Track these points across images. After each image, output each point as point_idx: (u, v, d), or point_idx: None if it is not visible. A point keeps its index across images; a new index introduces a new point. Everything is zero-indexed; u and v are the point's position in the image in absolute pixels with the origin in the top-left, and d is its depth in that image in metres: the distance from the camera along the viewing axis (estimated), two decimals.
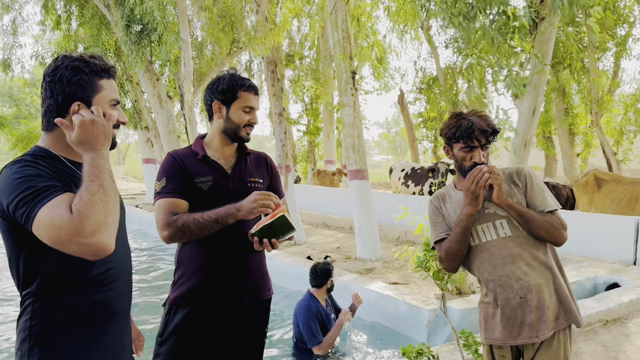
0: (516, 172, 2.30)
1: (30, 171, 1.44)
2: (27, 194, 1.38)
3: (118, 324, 1.69)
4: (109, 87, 1.62)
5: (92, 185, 1.39)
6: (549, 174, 15.43)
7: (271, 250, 2.15)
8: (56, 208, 1.34)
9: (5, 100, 34.86)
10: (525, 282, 2.17)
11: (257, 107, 2.38)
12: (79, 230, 1.31)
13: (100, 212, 1.36)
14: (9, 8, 12.03)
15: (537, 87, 5.33)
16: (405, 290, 5.29)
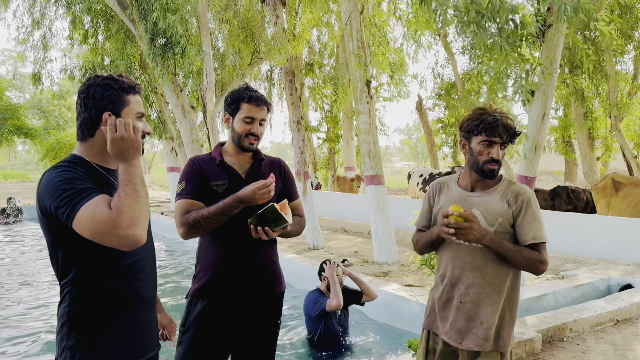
0: (516, 194, 2.28)
1: (69, 175, 1.69)
2: (69, 194, 1.63)
3: (145, 311, 1.91)
4: (135, 102, 1.87)
5: (127, 188, 1.64)
6: (569, 178, 15.34)
7: (266, 238, 2.32)
8: (97, 206, 1.60)
9: (35, 112, 35.95)
10: (472, 291, 2.25)
11: (259, 117, 2.52)
12: (118, 223, 1.56)
13: (135, 209, 1.61)
14: (39, 24, 12.53)
15: (546, 93, 5.45)
16: (419, 292, 5.44)
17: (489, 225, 2.25)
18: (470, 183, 2.37)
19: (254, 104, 2.52)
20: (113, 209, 1.59)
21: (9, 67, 42.17)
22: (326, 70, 17.06)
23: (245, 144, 2.53)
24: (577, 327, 4.60)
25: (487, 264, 2.25)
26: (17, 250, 10.41)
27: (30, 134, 17.00)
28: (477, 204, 2.30)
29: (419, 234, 2.54)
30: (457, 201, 2.36)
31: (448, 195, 2.42)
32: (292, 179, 2.76)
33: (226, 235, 2.47)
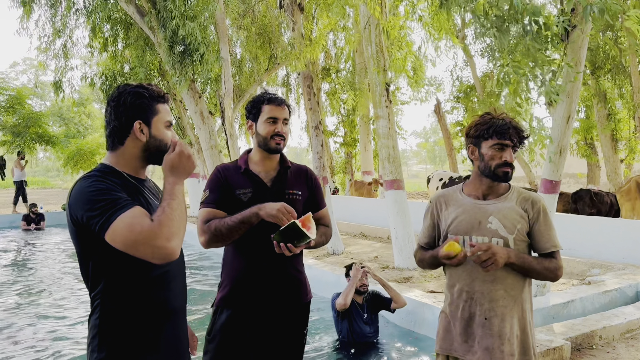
0: (532, 201, 2.24)
1: (103, 185, 1.68)
2: (104, 204, 1.62)
3: (175, 322, 1.89)
4: (164, 111, 1.87)
5: (172, 203, 1.67)
6: (592, 181, 15.09)
7: (288, 254, 2.27)
8: (135, 217, 1.60)
9: (55, 120, 36.46)
10: (495, 305, 2.18)
11: (282, 116, 2.51)
12: (157, 235, 1.58)
13: (176, 224, 1.63)
14: (60, 33, 12.70)
15: (571, 95, 5.35)
16: (443, 298, 5.36)
17: (509, 232, 2.19)
18: (482, 190, 2.31)
19: (274, 103, 2.51)
20: (155, 221, 1.60)
21: (30, 75, 42.94)
22: (342, 74, 17.06)
23: (271, 145, 2.50)
24: (607, 334, 4.49)
25: (507, 275, 2.20)
26: (40, 258, 10.52)
27: (51, 141, 17.25)
28: (493, 211, 2.24)
29: (422, 253, 2.48)
30: (469, 211, 2.28)
31: (458, 206, 2.33)
32: (320, 187, 2.72)
33: (251, 244, 2.44)
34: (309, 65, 9.61)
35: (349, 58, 18.06)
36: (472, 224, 2.26)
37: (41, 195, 25.93)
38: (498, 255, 2.07)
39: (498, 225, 2.20)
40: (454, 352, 2.28)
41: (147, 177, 1.99)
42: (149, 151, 1.85)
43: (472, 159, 2.34)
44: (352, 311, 4.78)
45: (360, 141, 18.44)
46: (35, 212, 14.39)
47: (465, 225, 2.28)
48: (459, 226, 2.29)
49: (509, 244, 2.19)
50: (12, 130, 16.53)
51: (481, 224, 2.24)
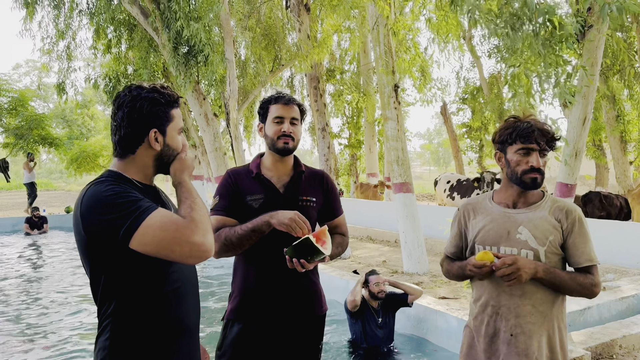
0: (567, 211, 2.08)
1: (119, 188, 1.56)
2: (127, 207, 1.51)
3: (188, 339, 1.77)
4: (178, 116, 1.76)
5: (197, 200, 1.64)
6: (600, 183, 14.92)
7: (302, 270, 2.14)
8: (166, 216, 1.52)
9: (59, 122, 36.50)
10: (522, 321, 2.04)
11: (289, 115, 2.38)
12: (194, 231, 1.51)
13: (206, 220, 1.58)
14: (64, 34, 12.62)
15: (587, 96, 5.22)
16: (456, 305, 5.22)
17: (540, 244, 2.04)
18: (512, 198, 2.16)
19: (281, 102, 2.39)
20: (187, 217, 1.55)
21: (34, 77, 42.97)
22: (347, 76, 16.94)
23: (279, 146, 2.37)
24: (627, 343, 4.35)
25: (536, 289, 2.05)
26: (41, 264, 10.42)
27: (54, 143, 17.16)
28: (524, 221, 2.09)
29: (449, 264, 2.33)
30: (497, 220, 2.14)
31: (487, 215, 2.19)
32: (336, 193, 2.58)
33: (263, 254, 2.32)
34: (315, 66, 9.48)
35: (354, 59, 17.95)
36: (501, 234, 2.12)
37: (44, 198, 25.88)
38: (523, 270, 1.94)
39: (528, 236, 2.06)
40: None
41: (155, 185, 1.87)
42: (161, 160, 1.75)
43: (500, 165, 2.22)
44: (366, 315, 4.73)
45: (365, 143, 18.31)
46: (37, 215, 14.28)
47: (493, 235, 2.14)
48: (486, 236, 2.15)
49: (540, 256, 2.04)
50: (15, 133, 16.45)
51: (510, 234, 2.09)
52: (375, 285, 4.74)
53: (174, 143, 1.75)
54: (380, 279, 4.80)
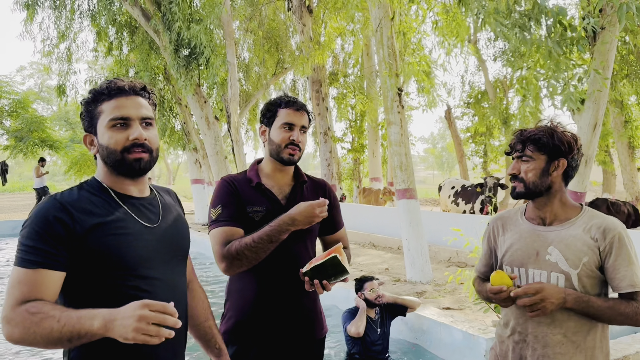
0: (605, 229, 1.82)
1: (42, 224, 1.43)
2: (22, 250, 1.42)
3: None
4: (110, 108, 1.52)
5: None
6: (608, 189, 14.71)
7: (322, 292, 1.96)
8: (20, 282, 1.39)
9: (62, 124, 36.48)
10: (550, 352, 1.83)
11: (300, 123, 2.19)
12: (6, 319, 1.36)
13: (30, 322, 1.37)
14: (65, 36, 12.53)
15: (598, 101, 5.03)
16: (460, 317, 5.03)
17: (572, 267, 1.81)
18: (542, 213, 1.94)
19: (292, 108, 2.18)
20: (24, 308, 1.37)
21: (37, 79, 42.99)
22: (350, 79, 16.78)
23: (284, 155, 2.16)
24: None
25: (569, 317, 1.82)
26: None
27: (55, 146, 17.04)
28: (554, 240, 1.86)
29: (480, 285, 2.13)
30: (526, 238, 1.93)
31: (515, 233, 1.98)
32: (338, 205, 2.40)
33: (262, 271, 2.11)
34: (317, 69, 9.32)
35: (357, 63, 17.80)
36: (529, 254, 1.90)
37: None
38: (548, 300, 1.73)
39: (558, 257, 1.84)
40: None
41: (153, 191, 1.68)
42: (107, 163, 1.54)
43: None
44: (366, 330, 4.51)
45: (369, 147, 18.14)
46: None
47: (520, 255, 1.92)
48: (513, 256, 1.94)
49: (572, 280, 1.81)
50: (14, 135, 16.34)
51: (539, 254, 1.87)
52: (371, 292, 4.48)
53: (104, 141, 1.52)
54: (374, 284, 4.55)
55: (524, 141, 1.87)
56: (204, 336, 1.88)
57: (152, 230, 1.57)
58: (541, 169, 1.86)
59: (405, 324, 5.25)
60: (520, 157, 1.88)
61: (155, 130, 1.60)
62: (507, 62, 9.88)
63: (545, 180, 1.87)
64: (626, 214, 9.99)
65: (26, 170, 60.63)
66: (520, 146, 1.88)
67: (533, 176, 1.86)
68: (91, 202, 1.48)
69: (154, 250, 1.53)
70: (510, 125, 14.58)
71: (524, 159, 1.87)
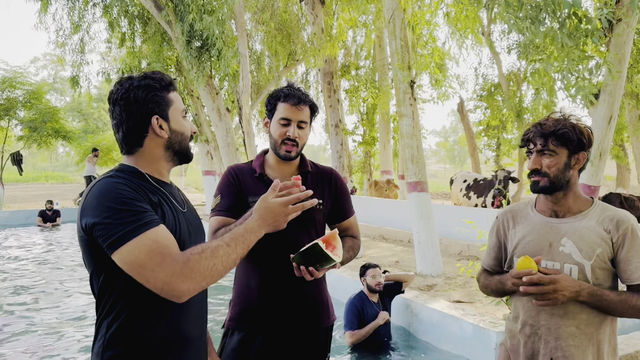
0: (618, 221, 1.83)
1: (125, 191, 1.43)
2: (124, 216, 1.38)
3: (191, 352, 1.61)
4: (177, 99, 1.65)
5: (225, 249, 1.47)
6: (621, 184, 14.54)
7: (310, 278, 1.95)
8: (158, 242, 1.38)
9: (75, 115, 36.80)
10: (564, 344, 1.82)
11: (297, 118, 2.15)
12: (178, 274, 1.36)
13: (208, 271, 1.41)
14: (78, 27, 12.58)
15: (613, 94, 4.96)
16: (471, 310, 5.01)
17: (586, 258, 1.81)
18: (554, 206, 1.93)
19: (290, 102, 2.15)
20: (185, 258, 1.39)
21: (51, 70, 43.31)
22: (362, 72, 16.70)
23: (280, 151, 2.17)
24: None
25: (581, 309, 1.82)
26: (52, 258, 10.39)
27: (68, 136, 17.18)
28: (568, 231, 1.86)
29: (487, 278, 2.12)
30: (539, 230, 1.92)
31: (527, 225, 1.97)
32: (346, 193, 2.37)
33: (268, 259, 2.14)
34: (329, 61, 9.29)
35: (369, 55, 17.70)
36: (542, 246, 1.89)
37: (59, 191, 26.08)
38: (561, 292, 1.72)
39: (572, 249, 1.83)
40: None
41: (172, 182, 1.73)
42: (172, 149, 1.63)
43: None
44: (369, 315, 4.72)
45: (380, 140, 18.07)
46: (50, 209, 14.30)
47: (533, 247, 1.91)
48: (526, 248, 1.93)
49: (586, 272, 1.81)
50: (28, 125, 16.49)
51: (552, 246, 1.87)
52: (372, 278, 4.77)
53: (180, 127, 1.63)
54: (377, 271, 4.83)
55: (547, 135, 1.85)
56: None
57: (184, 214, 1.65)
58: (564, 163, 1.86)
59: (415, 315, 5.25)
60: (542, 152, 1.86)
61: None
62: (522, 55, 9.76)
63: (567, 174, 1.87)
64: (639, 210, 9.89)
65: (39, 161, 61.30)
66: (542, 140, 1.85)
67: (556, 170, 1.86)
68: (137, 184, 1.51)
69: (187, 232, 1.59)
70: (524, 119, 14.43)
71: (547, 153, 1.85)
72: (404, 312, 5.39)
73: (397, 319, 5.48)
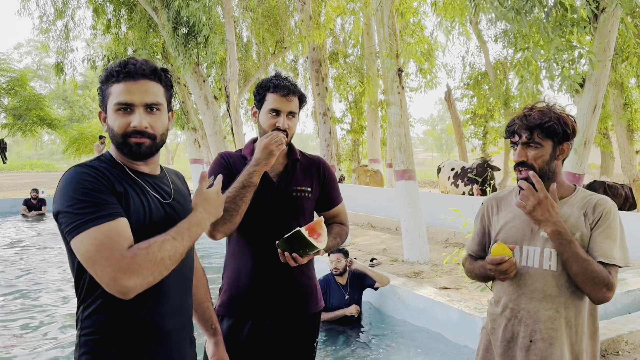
0: (595, 205, 1.87)
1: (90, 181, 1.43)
2: (83, 207, 1.38)
3: (167, 346, 1.59)
4: (117, 92, 1.53)
5: (173, 242, 1.45)
6: (606, 172, 14.72)
7: (294, 264, 2.01)
8: (109, 235, 1.37)
9: (60, 103, 36.31)
10: (543, 327, 1.85)
11: (286, 109, 2.17)
12: (124, 268, 1.34)
13: (154, 266, 1.39)
14: (62, 13, 12.37)
15: (598, 83, 5.02)
16: (457, 296, 5.09)
17: None
18: None
19: (279, 93, 2.16)
20: (135, 251, 1.37)
21: (35, 57, 42.61)
22: (351, 60, 16.66)
23: None
24: (634, 339, 4.21)
25: (560, 292, 1.85)
26: (35, 248, 10.32)
27: (53, 124, 16.96)
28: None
29: (471, 263, 2.15)
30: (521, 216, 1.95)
31: (510, 212, 2.00)
32: (334, 181, 2.41)
33: (257, 246, 2.18)
34: (317, 49, 9.26)
35: (357, 43, 17.65)
36: (524, 231, 1.93)
37: (45, 179, 25.78)
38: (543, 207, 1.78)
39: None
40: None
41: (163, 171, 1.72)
42: (116, 144, 1.57)
43: None
44: (332, 290, 5.05)
45: (368, 128, 18.09)
46: (36, 197, 14.16)
47: (515, 232, 1.95)
48: (508, 234, 1.97)
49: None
50: (13, 113, 16.26)
51: (533, 231, 1.91)
52: (331, 263, 5.08)
53: (110, 122, 1.55)
54: (339, 257, 5.08)
55: (532, 128, 1.85)
56: (202, 316, 1.94)
57: (167, 204, 1.62)
58: (549, 155, 1.88)
59: (402, 302, 5.31)
60: (527, 144, 1.87)
61: (163, 115, 1.59)
62: (509, 44, 9.80)
63: (552, 165, 1.89)
64: (623, 197, 10.04)
65: (24, 149, 60.53)
66: (527, 133, 1.86)
67: (542, 162, 1.87)
68: (111, 173, 1.51)
69: (168, 223, 1.55)
70: (511, 107, 14.52)
71: (532, 146, 1.86)
72: (392, 299, 5.45)
73: (384, 305, 5.55)
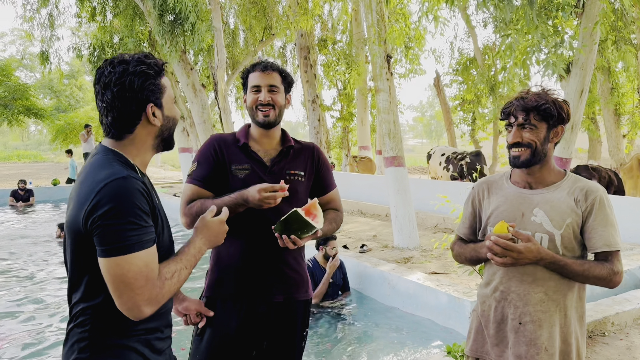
0: (586, 191, 1.90)
1: (142, 200, 1.45)
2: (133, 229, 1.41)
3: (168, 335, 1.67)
4: (168, 85, 1.64)
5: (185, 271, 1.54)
6: (593, 156, 14.86)
7: (293, 247, 2.04)
8: (147, 265, 1.42)
9: (46, 92, 35.85)
10: (532, 309, 1.90)
11: (266, 83, 2.21)
12: (151, 298, 1.41)
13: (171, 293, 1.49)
14: (47, 1, 12.19)
15: (585, 67, 5.04)
16: (446, 281, 5.14)
17: (556, 227, 1.88)
18: (527, 178, 1.99)
19: (258, 70, 2.22)
20: (163, 282, 1.46)
21: (19, 46, 41.98)
22: (339, 46, 16.58)
23: (258, 118, 2.21)
24: (619, 320, 4.28)
25: (550, 276, 1.89)
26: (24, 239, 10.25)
27: (40, 114, 16.75)
28: (540, 202, 1.93)
29: (461, 246, 2.17)
30: (512, 200, 1.98)
31: (501, 196, 2.03)
32: (328, 167, 2.42)
33: (249, 230, 2.17)
34: (305, 36, 9.20)
35: (346, 29, 17.56)
36: (515, 215, 1.96)
37: (33, 170, 25.52)
38: (525, 255, 1.80)
39: (543, 219, 1.90)
40: (485, 354, 2.02)
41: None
42: (162, 136, 1.65)
43: None
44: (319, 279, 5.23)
45: (357, 115, 18.07)
46: (23, 188, 14.02)
47: (506, 217, 1.97)
48: (499, 217, 1.99)
49: (555, 240, 1.88)
50: None
51: (524, 216, 1.93)
52: (332, 249, 5.26)
53: (171, 113, 1.65)
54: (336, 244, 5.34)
55: (529, 109, 1.87)
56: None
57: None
58: (544, 137, 1.90)
59: (392, 287, 5.35)
60: (523, 125, 1.89)
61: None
62: (496, 29, 9.80)
63: (546, 148, 1.92)
64: (607, 180, 10.13)
65: (11, 140, 59.82)
66: (523, 114, 1.88)
67: (537, 144, 1.91)
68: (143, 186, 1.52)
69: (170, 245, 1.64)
70: (498, 93, 14.56)
71: (528, 127, 1.89)
72: (382, 284, 5.49)
73: (374, 291, 5.59)
